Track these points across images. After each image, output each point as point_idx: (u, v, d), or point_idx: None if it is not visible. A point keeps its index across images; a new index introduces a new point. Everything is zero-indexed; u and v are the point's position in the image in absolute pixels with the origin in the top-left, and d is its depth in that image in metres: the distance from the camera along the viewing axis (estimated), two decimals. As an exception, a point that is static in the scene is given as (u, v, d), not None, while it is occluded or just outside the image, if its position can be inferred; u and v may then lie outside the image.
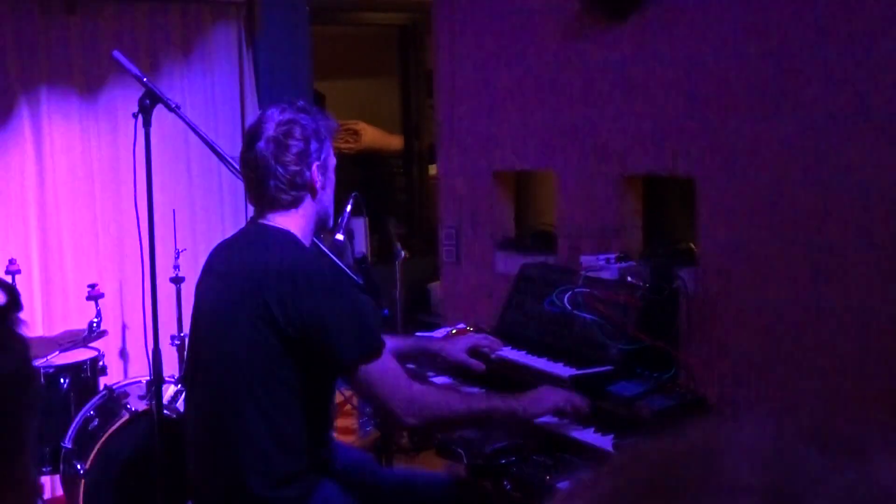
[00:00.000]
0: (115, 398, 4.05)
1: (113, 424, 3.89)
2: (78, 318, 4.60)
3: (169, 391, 4.05)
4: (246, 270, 2.69)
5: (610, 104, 3.78)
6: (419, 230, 6.64)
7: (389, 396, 2.65)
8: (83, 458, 3.86)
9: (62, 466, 3.99)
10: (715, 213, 3.53)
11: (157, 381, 3.25)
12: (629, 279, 3.28)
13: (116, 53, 3.14)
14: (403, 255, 4.99)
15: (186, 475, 2.88)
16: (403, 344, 3.28)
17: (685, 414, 2.89)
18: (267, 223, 2.77)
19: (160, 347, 3.29)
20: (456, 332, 3.54)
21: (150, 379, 3.34)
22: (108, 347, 4.52)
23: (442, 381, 3.32)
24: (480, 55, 4.16)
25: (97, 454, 3.84)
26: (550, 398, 2.84)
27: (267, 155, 2.71)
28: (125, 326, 4.94)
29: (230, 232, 5.20)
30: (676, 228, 3.93)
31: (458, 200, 4.30)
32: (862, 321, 3.25)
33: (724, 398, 3.22)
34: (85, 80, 4.87)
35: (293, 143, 2.71)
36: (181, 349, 4.32)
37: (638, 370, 3.07)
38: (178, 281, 4.42)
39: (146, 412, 3.82)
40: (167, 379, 4.05)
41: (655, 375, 3.04)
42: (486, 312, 3.76)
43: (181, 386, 4.05)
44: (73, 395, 4.13)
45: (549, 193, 4.24)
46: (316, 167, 2.74)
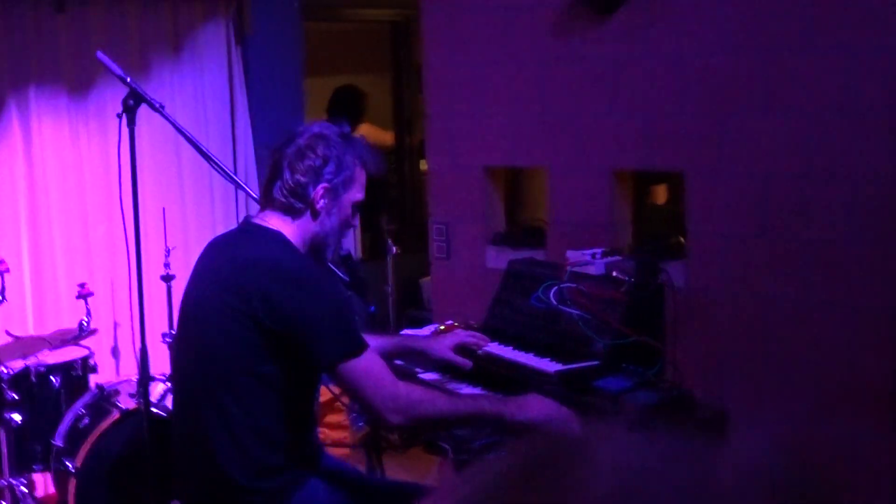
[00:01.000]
0: (105, 396, 4.05)
1: (103, 422, 3.89)
2: (68, 316, 4.59)
3: (158, 389, 4.06)
4: (232, 264, 2.72)
5: (598, 99, 3.78)
6: (411, 225, 6.63)
7: (373, 395, 2.65)
8: (74, 456, 3.87)
9: (53, 464, 4.00)
10: (703, 207, 3.53)
11: (144, 379, 3.26)
12: (615, 274, 3.29)
13: (100, 54, 3.14)
14: (395, 250, 5.00)
15: (172, 470, 2.89)
16: (388, 343, 3.26)
17: (671, 408, 2.89)
18: (260, 222, 2.79)
19: (150, 345, 3.29)
20: (444, 328, 3.54)
21: (139, 377, 3.35)
22: (98, 346, 4.52)
23: (431, 377, 3.32)
24: (469, 50, 4.16)
25: (88, 452, 3.85)
26: (539, 408, 2.75)
27: (285, 158, 2.76)
28: (116, 324, 4.94)
29: (221, 230, 5.23)
30: (665, 223, 3.93)
31: (448, 196, 4.30)
32: (850, 315, 3.25)
33: (710, 393, 3.22)
34: (74, 78, 4.86)
35: (312, 157, 2.75)
36: (172, 347, 4.32)
37: (624, 365, 3.08)
38: (168, 279, 4.42)
39: (137, 410, 3.83)
40: (157, 377, 4.06)
41: (641, 370, 3.04)
42: (477, 308, 3.76)
43: (171, 384, 4.05)
44: (63, 393, 4.13)
45: (540, 188, 4.24)
46: (323, 189, 2.75)
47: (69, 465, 3.86)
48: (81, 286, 4.30)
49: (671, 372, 3.20)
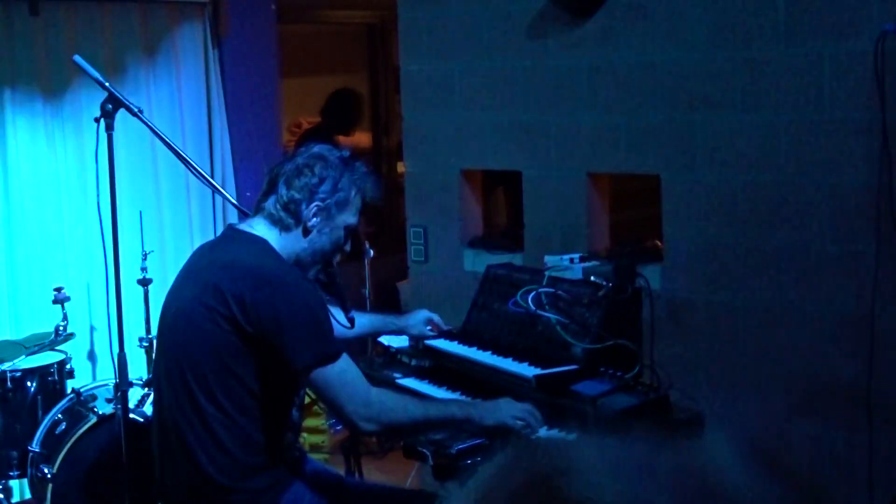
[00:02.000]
0: (82, 401, 4.03)
1: (80, 428, 3.88)
2: (45, 321, 4.57)
3: (136, 394, 4.04)
4: (212, 266, 2.74)
5: (575, 102, 3.80)
6: (388, 228, 6.63)
7: (345, 402, 2.68)
8: (51, 461, 3.85)
9: (30, 470, 3.98)
10: (680, 210, 3.56)
11: (122, 383, 3.25)
12: (593, 278, 3.30)
13: (77, 58, 3.13)
14: (372, 253, 4.99)
15: (154, 475, 2.89)
16: (374, 321, 3.49)
17: (649, 412, 2.92)
18: (244, 229, 2.82)
19: (127, 350, 3.27)
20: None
21: (116, 382, 3.33)
22: (75, 350, 4.50)
23: (409, 383, 3.34)
24: (446, 53, 4.17)
25: (65, 458, 3.83)
26: (507, 411, 2.86)
27: (282, 175, 2.79)
28: (93, 329, 4.92)
29: (198, 233, 5.22)
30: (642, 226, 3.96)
31: (426, 198, 4.31)
32: (825, 317, 3.29)
33: (687, 396, 3.24)
34: (49, 82, 4.84)
35: (309, 175, 2.78)
36: (149, 351, 4.30)
37: (602, 369, 3.09)
38: (145, 283, 4.40)
39: (114, 415, 3.81)
40: (134, 382, 4.05)
41: (619, 374, 3.06)
42: (454, 311, 3.77)
43: (148, 389, 4.04)
44: (40, 398, 4.11)
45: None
46: (316, 207, 2.77)
47: (46, 470, 3.84)
48: (58, 290, 4.28)
49: (649, 375, 3.22)
